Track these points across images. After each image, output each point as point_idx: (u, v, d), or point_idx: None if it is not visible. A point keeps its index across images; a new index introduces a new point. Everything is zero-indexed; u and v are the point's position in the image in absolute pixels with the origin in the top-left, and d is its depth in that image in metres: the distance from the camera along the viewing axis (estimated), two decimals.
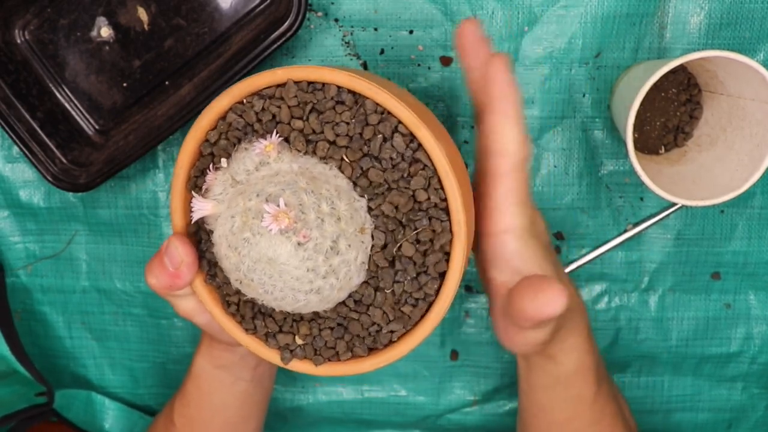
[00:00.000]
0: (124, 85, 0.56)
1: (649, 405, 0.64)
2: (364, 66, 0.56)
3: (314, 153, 0.39)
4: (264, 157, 0.39)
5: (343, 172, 0.38)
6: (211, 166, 0.40)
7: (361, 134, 0.38)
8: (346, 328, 0.41)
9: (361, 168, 0.38)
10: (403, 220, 0.39)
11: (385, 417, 0.65)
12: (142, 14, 0.54)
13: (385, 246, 0.39)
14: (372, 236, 0.39)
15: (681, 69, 0.54)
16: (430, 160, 0.38)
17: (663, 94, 0.55)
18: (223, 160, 0.40)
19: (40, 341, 0.65)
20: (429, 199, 0.38)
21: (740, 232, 0.58)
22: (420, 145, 0.38)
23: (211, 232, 0.40)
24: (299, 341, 0.42)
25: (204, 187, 0.40)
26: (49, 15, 0.55)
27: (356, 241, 0.38)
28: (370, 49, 0.55)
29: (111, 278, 0.63)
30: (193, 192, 0.40)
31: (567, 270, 0.60)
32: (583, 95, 0.56)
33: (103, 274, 0.63)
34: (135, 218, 0.61)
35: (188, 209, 0.42)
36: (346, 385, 0.65)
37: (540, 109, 0.56)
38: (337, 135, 0.38)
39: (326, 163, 0.39)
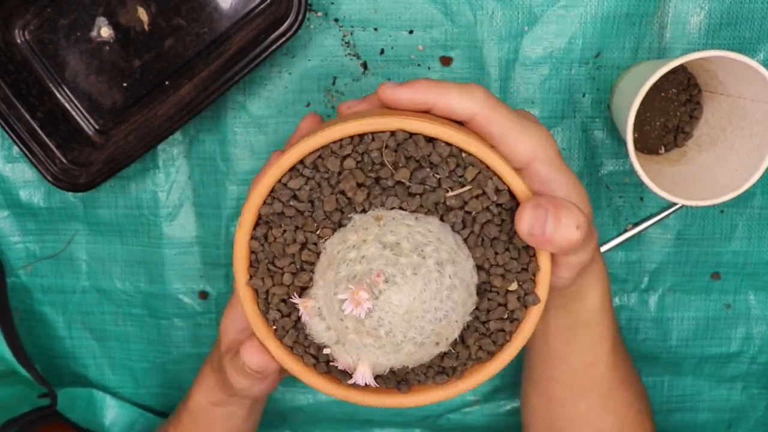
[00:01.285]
0: (124, 85, 0.56)
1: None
2: (364, 66, 0.56)
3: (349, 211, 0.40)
4: (308, 311, 0.40)
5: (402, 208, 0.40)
6: (293, 294, 0.41)
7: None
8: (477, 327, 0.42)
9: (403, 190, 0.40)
10: (476, 216, 0.40)
11: (385, 417, 0.65)
12: (142, 14, 0.54)
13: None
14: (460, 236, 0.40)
15: (681, 69, 0.54)
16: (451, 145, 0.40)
17: (663, 94, 0.55)
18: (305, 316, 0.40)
19: (40, 341, 0.65)
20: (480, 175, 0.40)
21: (740, 232, 0.58)
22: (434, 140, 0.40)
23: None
24: (450, 362, 0.42)
25: (328, 353, 0.41)
26: (49, 15, 0.55)
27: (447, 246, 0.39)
28: (370, 49, 0.55)
29: (111, 278, 0.63)
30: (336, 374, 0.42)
31: None
32: (583, 95, 0.56)
33: (103, 274, 0.63)
34: (135, 218, 0.61)
35: (258, 303, 0.42)
36: None
37: (540, 109, 0.56)
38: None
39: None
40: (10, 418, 0.57)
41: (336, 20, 0.55)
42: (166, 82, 0.55)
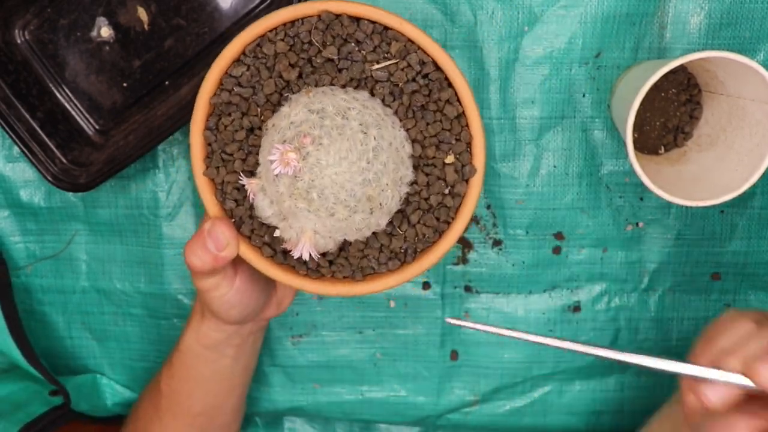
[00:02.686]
0: (124, 85, 0.56)
1: (649, 405, 0.64)
2: None
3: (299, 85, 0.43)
4: (254, 189, 0.42)
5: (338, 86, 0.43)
6: (240, 175, 0.43)
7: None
8: (429, 206, 0.44)
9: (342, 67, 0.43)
10: (402, 86, 0.43)
11: (385, 417, 0.66)
12: (142, 14, 0.54)
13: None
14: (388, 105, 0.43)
15: (681, 69, 0.54)
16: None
17: (663, 94, 0.55)
18: (253, 182, 0.43)
19: (40, 341, 0.65)
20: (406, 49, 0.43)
21: (740, 232, 0.58)
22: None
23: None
24: (398, 243, 0.44)
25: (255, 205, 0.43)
26: (49, 15, 0.55)
27: (373, 114, 0.41)
28: None
29: (110, 278, 0.63)
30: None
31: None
32: (583, 95, 0.56)
33: (103, 275, 0.63)
34: (135, 218, 0.61)
35: (216, 194, 0.45)
36: (345, 386, 0.65)
37: (540, 109, 0.56)
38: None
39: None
40: (27, 423, 0.57)
41: None
42: (166, 82, 0.56)
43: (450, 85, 0.43)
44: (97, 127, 0.57)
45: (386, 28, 0.43)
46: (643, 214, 0.58)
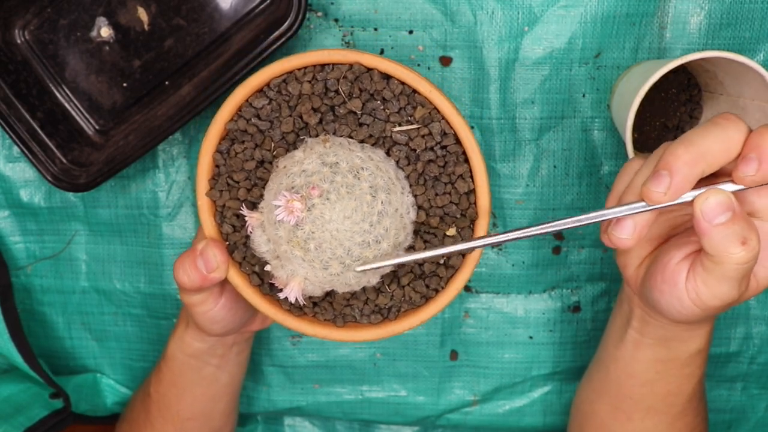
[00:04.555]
0: (124, 85, 0.56)
1: None
2: None
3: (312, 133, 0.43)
4: (253, 222, 0.42)
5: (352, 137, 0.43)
6: (243, 206, 0.43)
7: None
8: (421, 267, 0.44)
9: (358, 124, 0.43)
10: (418, 153, 0.43)
11: (385, 417, 0.66)
12: (142, 14, 0.54)
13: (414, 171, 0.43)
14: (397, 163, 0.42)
15: (681, 69, 0.54)
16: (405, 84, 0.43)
17: (663, 94, 0.55)
18: (255, 214, 0.43)
19: (40, 341, 0.65)
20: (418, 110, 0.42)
21: None
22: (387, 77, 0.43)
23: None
24: (384, 300, 0.44)
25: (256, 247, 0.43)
26: (49, 15, 0.55)
27: (383, 173, 0.41)
28: (369, 49, 0.55)
29: (110, 279, 0.63)
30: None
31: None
32: (583, 95, 0.56)
33: (103, 275, 0.63)
34: (135, 218, 0.61)
35: (215, 216, 0.45)
36: (345, 386, 0.65)
37: (540, 109, 0.56)
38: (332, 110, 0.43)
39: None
40: (29, 426, 0.58)
41: (336, 20, 0.55)
42: (166, 82, 0.55)
43: (466, 160, 0.43)
44: (97, 127, 0.57)
45: (414, 91, 0.42)
46: None
